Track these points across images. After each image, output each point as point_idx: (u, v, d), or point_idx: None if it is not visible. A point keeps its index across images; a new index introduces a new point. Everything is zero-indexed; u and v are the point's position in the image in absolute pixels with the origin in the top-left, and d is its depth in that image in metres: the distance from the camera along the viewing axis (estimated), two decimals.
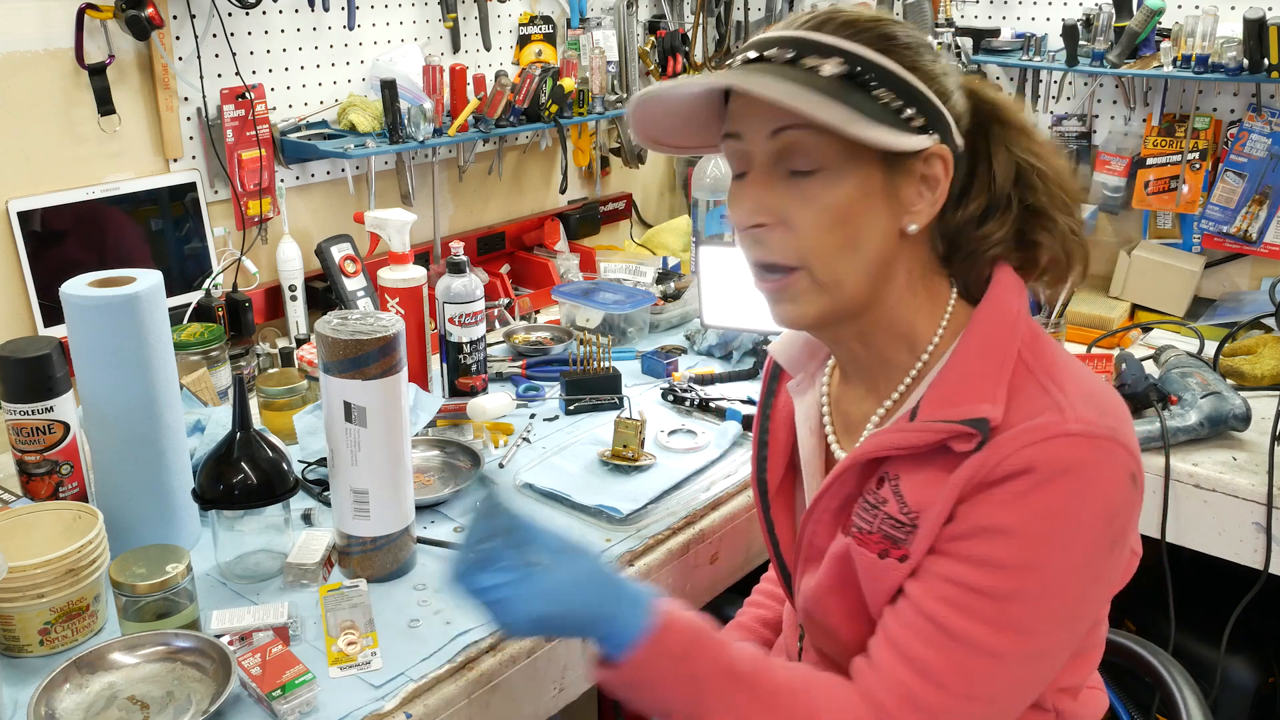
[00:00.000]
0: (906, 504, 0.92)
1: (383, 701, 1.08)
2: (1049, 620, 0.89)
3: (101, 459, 1.29)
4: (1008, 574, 0.87)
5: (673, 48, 2.64)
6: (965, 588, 0.88)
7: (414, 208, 2.21)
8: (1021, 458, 0.86)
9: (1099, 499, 0.87)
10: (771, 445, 1.13)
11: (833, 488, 0.99)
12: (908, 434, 0.93)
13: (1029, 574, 0.87)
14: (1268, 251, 2.18)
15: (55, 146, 1.74)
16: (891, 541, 0.93)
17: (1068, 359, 0.96)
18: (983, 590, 0.87)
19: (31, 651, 1.13)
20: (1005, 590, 0.87)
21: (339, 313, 1.25)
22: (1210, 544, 1.64)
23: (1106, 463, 0.87)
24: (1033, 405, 0.89)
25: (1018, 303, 0.97)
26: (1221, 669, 1.77)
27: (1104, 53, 2.14)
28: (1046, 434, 0.87)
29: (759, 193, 0.93)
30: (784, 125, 0.90)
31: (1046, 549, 0.87)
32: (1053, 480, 0.86)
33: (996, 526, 0.87)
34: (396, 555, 1.28)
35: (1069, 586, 0.88)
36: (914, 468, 0.93)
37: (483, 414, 1.67)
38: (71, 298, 1.23)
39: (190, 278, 1.91)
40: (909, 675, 0.89)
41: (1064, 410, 0.88)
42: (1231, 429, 1.67)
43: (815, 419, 1.09)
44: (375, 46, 2.15)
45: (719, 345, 1.99)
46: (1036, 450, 0.86)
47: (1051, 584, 0.87)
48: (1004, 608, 0.87)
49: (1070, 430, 0.87)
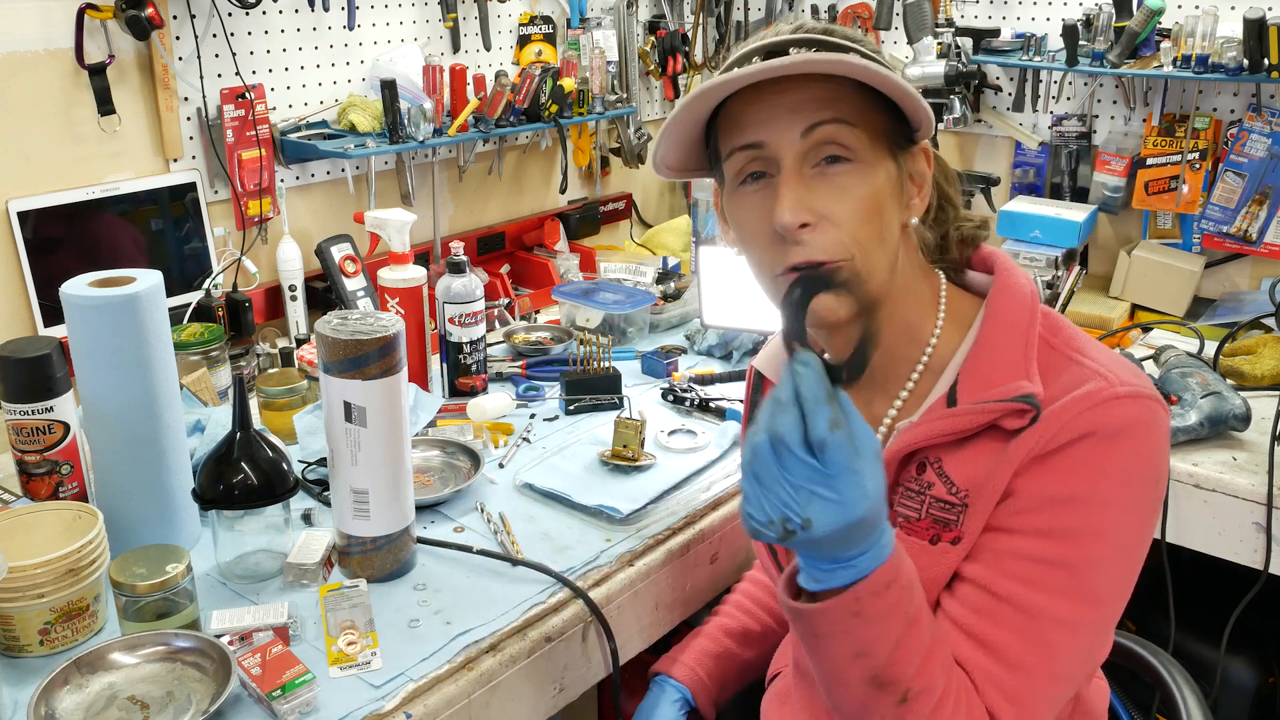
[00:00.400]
0: (954, 484, 0.93)
1: (383, 701, 1.08)
2: (1118, 585, 0.90)
3: (101, 459, 1.29)
4: (1080, 542, 0.88)
5: (673, 48, 2.64)
6: (1038, 561, 0.89)
7: (414, 208, 2.21)
8: (1080, 423, 0.88)
9: (1154, 456, 0.90)
10: None
11: None
12: (955, 419, 0.93)
13: (1100, 539, 0.88)
14: (1268, 251, 2.18)
15: (55, 146, 1.74)
16: (942, 525, 0.93)
17: (1081, 332, 0.98)
18: (1057, 561, 0.88)
19: (31, 651, 1.13)
20: (1079, 558, 0.88)
21: (339, 313, 1.25)
22: (1210, 544, 1.64)
23: (1153, 419, 0.90)
24: (1071, 377, 0.91)
25: (1027, 284, 0.99)
26: (1221, 669, 1.77)
27: (1104, 53, 2.14)
28: (1100, 399, 0.89)
29: (798, 193, 0.90)
30: (819, 121, 0.90)
31: (1114, 512, 0.88)
32: (1113, 441, 0.88)
33: (1063, 495, 0.88)
34: (396, 555, 1.28)
35: (1133, 549, 0.90)
36: (954, 448, 0.94)
37: (483, 414, 1.67)
38: (71, 298, 1.23)
39: (190, 278, 1.91)
40: (991, 664, 0.89)
41: (1106, 376, 0.90)
42: (1231, 429, 1.67)
43: None
44: (375, 46, 2.15)
45: (719, 345, 1.99)
46: (1094, 414, 0.88)
47: (1119, 547, 0.89)
48: (1079, 576, 0.88)
49: (1120, 393, 0.89)
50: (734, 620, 1.31)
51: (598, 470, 1.54)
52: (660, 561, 1.37)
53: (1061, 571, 0.88)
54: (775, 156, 0.92)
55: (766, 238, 0.93)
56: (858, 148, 0.91)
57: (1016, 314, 0.96)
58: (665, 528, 1.42)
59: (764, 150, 0.92)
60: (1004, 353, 0.94)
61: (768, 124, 0.91)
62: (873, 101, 0.92)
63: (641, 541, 1.38)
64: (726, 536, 1.47)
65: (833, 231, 0.90)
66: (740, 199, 0.96)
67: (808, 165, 0.91)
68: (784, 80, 0.90)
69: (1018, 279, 0.99)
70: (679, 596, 1.41)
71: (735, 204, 0.96)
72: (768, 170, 0.93)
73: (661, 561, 1.37)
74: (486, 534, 1.39)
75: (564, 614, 1.24)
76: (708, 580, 1.46)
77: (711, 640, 1.30)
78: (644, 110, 2.72)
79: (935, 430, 0.94)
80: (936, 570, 0.94)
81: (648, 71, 2.68)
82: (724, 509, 1.48)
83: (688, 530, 1.42)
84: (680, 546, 1.40)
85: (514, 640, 1.19)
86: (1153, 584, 1.80)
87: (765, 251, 0.94)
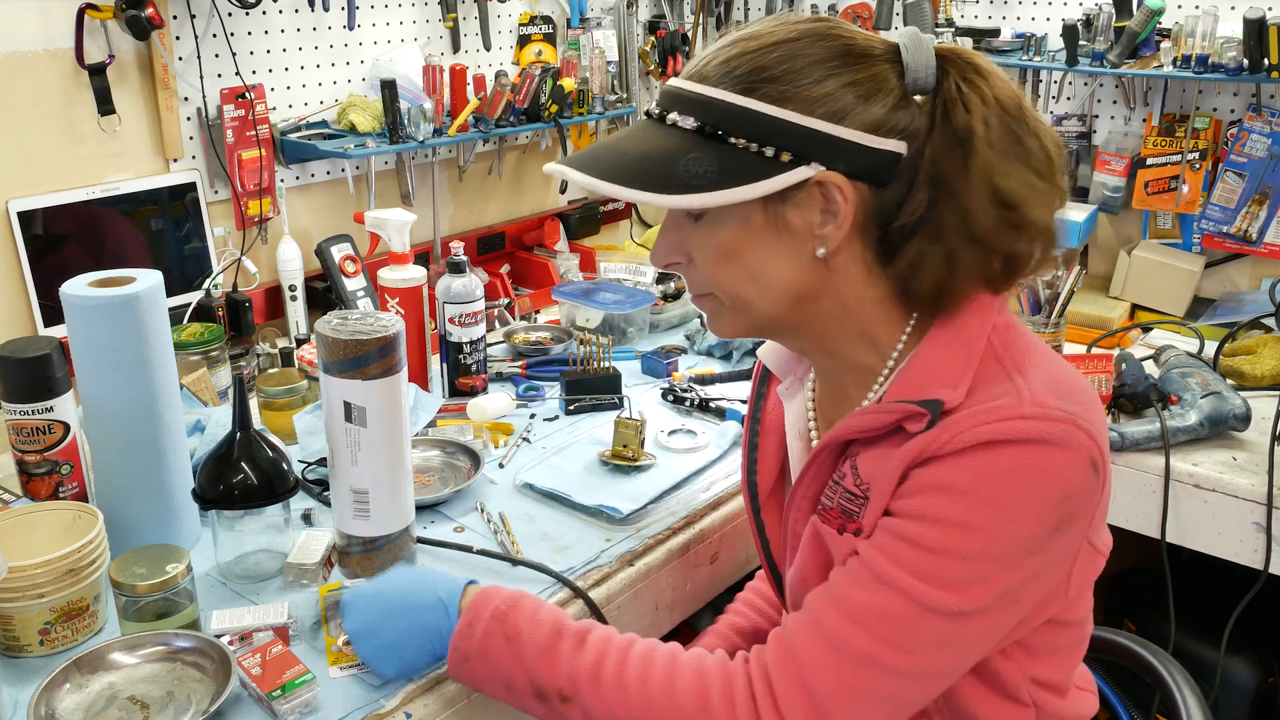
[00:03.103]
0: (860, 477, 0.95)
1: (383, 701, 1.08)
2: (981, 585, 0.88)
3: (101, 459, 1.29)
4: (946, 530, 0.87)
5: (673, 48, 2.64)
6: (902, 538, 0.89)
7: (414, 208, 2.21)
8: (972, 435, 0.87)
9: (1052, 473, 0.87)
10: (762, 449, 1.14)
11: (807, 474, 1.02)
12: (863, 416, 0.95)
13: (968, 533, 0.87)
14: (1268, 251, 2.18)
15: (55, 146, 1.74)
16: (847, 515, 0.96)
17: (1041, 349, 0.96)
18: (919, 542, 0.88)
19: (31, 651, 1.13)
20: (941, 545, 0.87)
21: (339, 313, 1.25)
22: (1210, 544, 1.64)
23: (1064, 441, 0.87)
24: (993, 392, 0.90)
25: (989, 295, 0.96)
26: (1221, 669, 1.77)
27: (1104, 53, 2.14)
28: (999, 415, 0.87)
29: (668, 236, 1.00)
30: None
31: (989, 511, 0.87)
32: (1003, 446, 0.86)
33: (941, 484, 0.88)
34: (396, 555, 1.28)
35: (1007, 555, 0.88)
36: (875, 449, 0.95)
37: (483, 414, 1.67)
38: (71, 298, 1.23)
39: (190, 278, 1.91)
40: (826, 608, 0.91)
41: (1021, 395, 0.88)
42: (1231, 429, 1.67)
43: (803, 423, 1.10)
44: (375, 46, 2.15)
45: (719, 345, 1.99)
46: (989, 428, 0.87)
47: (990, 548, 0.87)
48: (938, 562, 0.87)
49: (1025, 413, 0.87)
50: (746, 620, 1.30)
51: (598, 470, 1.54)
52: (660, 561, 1.37)
53: (922, 553, 0.88)
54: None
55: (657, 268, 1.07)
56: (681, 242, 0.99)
57: (966, 323, 0.94)
58: (665, 528, 1.42)
59: None
60: (939, 362, 0.93)
61: None
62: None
63: (641, 541, 1.38)
64: (727, 536, 1.47)
65: (694, 272, 1.00)
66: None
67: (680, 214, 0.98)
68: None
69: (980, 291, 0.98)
70: (679, 596, 1.42)
71: None
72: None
73: (661, 561, 1.37)
74: (486, 534, 1.39)
75: None
76: (708, 580, 1.46)
77: (723, 640, 1.28)
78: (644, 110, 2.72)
79: (850, 425, 0.96)
80: (843, 556, 0.95)
81: (648, 71, 2.68)
82: (724, 509, 1.48)
83: (688, 530, 1.43)
84: (680, 546, 1.40)
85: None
86: (1153, 584, 1.80)
87: None
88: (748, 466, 1.16)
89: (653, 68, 2.66)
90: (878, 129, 0.90)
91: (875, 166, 0.90)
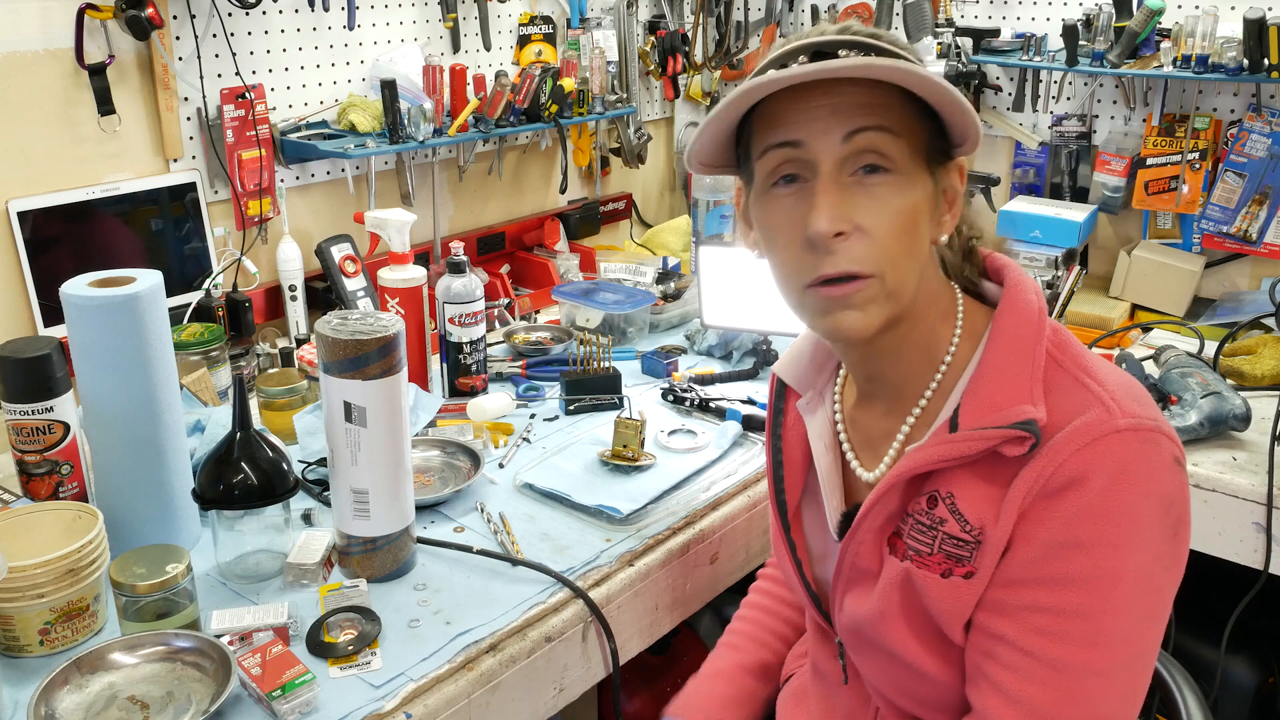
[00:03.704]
0: (968, 521, 0.91)
1: (383, 701, 1.08)
2: (1140, 621, 0.89)
3: (101, 459, 1.29)
4: (1093, 588, 0.87)
5: (673, 48, 2.64)
6: (1055, 612, 0.88)
7: (414, 208, 2.21)
8: (1077, 462, 0.86)
9: (1156, 491, 0.87)
10: (787, 465, 1.11)
11: (875, 508, 0.97)
12: (955, 445, 0.91)
13: (1115, 582, 0.86)
14: (1268, 251, 2.18)
15: (55, 146, 1.74)
16: (955, 560, 0.92)
17: (1088, 351, 0.96)
18: (1073, 610, 0.87)
19: (31, 651, 1.13)
20: (1096, 605, 0.87)
21: (339, 313, 1.25)
22: (1210, 544, 1.64)
23: (1155, 454, 0.88)
24: (1075, 401, 0.89)
25: (1036, 299, 0.96)
26: (1221, 669, 1.77)
27: (1104, 53, 2.14)
28: (1098, 433, 0.86)
29: (835, 200, 0.87)
30: (862, 126, 0.87)
31: (1123, 552, 0.86)
32: (1114, 485, 0.86)
33: (1069, 541, 0.87)
34: (396, 555, 1.28)
35: (1149, 582, 0.88)
36: (967, 483, 0.92)
37: (483, 414, 1.67)
38: (71, 298, 1.23)
39: (190, 278, 1.91)
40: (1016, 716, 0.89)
41: (1108, 405, 0.88)
42: (1231, 429, 1.67)
43: (830, 436, 1.07)
44: (375, 46, 2.15)
45: (719, 345, 1.99)
46: (1091, 453, 0.86)
47: (1134, 586, 0.87)
48: (1099, 623, 0.87)
49: (1119, 426, 0.86)
50: (751, 656, 1.27)
51: (598, 470, 1.54)
52: (660, 561, 1.37)
53: (1080, 621, 0.87)
54: (813, 159, 0.88)
55: (797, 245, 0.90)
56: (898, 159, 0.88)
57: (1022, 332, 0.93)
58: (665, 528, 1.42)
59: (801, 151, 0.89)
60: (1008, 374, 0.91)
61: (808, 124, 0.88)
62: (917, 113, 0.90)
63: (641, 541, 1.38)
64: (726, 536, 1.47)
65: (866, 244, 0.88)
66: (771, 201, 0.92)
67: (845, 173, 0.88)
68: (829, 82, 0.87)
69: (1026, 295, 0.96)
70: (679, 596, 1.42)
71: (765, 205, 0.93)
72: (802, 174, 0.90)
73: (661, 561, 1.37)
74: (486, 534, 1.39)
75: (564, 614, 1.25)
76: (708, 580, 1.47)
77: (732, 684, 1.25)
78: (644, 110, 2.72)
79: (935, 455, 0.92)
80: (950, 603, 0.93)
81: (648, 71, 2.68)
82: (724, 509, 1.48)
83: (688, 530, 1.43)
84: (680, 546, 1.40)
85: (514, 640, 1.19)
86: None
87: (794, 259, 0.91)
88: (775, 486, 1.12)
89: (653, 68, 2.66)
90: None
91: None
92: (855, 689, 1.09)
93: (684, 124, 2.87)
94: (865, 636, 1.02)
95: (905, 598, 0.96)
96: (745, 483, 1.54)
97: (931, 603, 0.94)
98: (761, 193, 0.93)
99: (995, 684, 0.91)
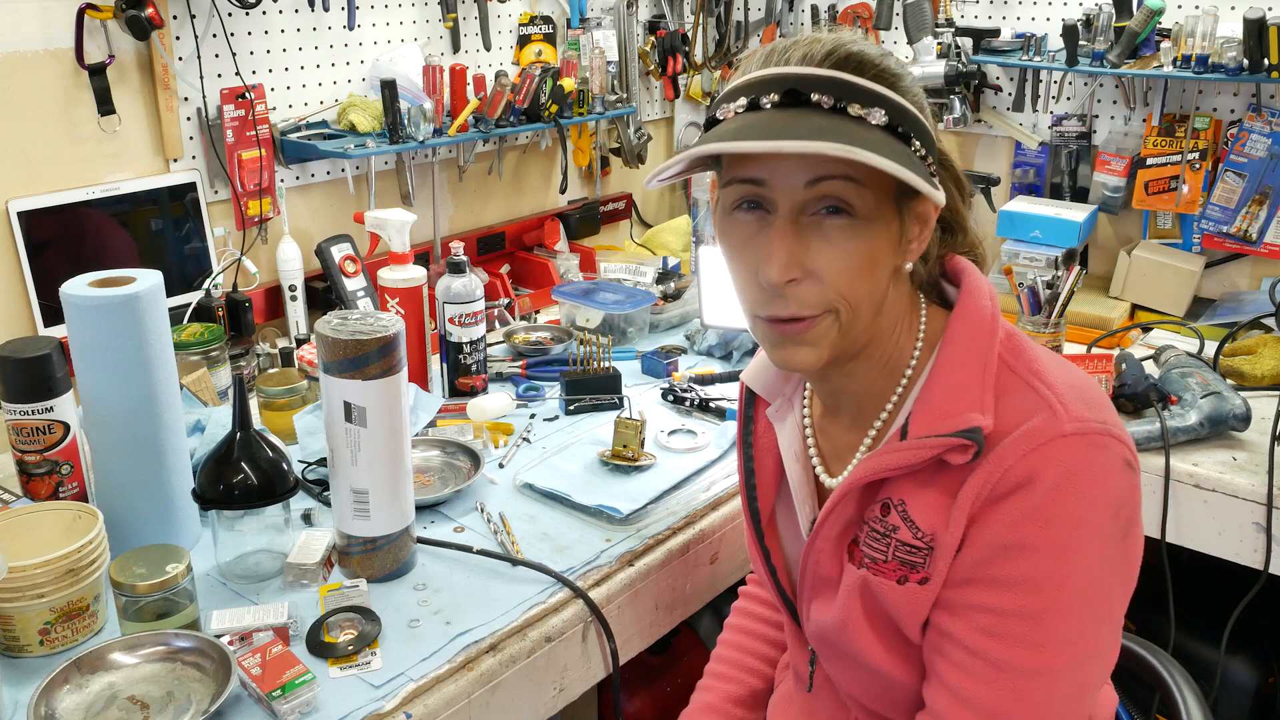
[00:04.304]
0: (919, 528, 0.92)
1: (383, 701, 1.08)
2: (1086, 623, 0.89)
3: (101, 459, 1.29)
4: (1036, 589, 0.87)
5: (673, 48, 2.64)
6: (999, 613, 0.88)
7: (414, 208, 2.21)
8: (1023, 467, 0.87)
9: (1103, 494, 0.87)
10: (759, 473, 1.11)
11: (831, 516, 0.98)
12: (901, 453, 0.92)
13: (1060, 584, 0.87)
14: (1268, 251, 2.18)
15: (55, 146, 1.74)
16: (909, 567, 0.93)
17: (1045, 353, 0.96)
18: (1019, 612, 0.87)
19: (31, 651, 1.13)
20: (1041, 607, 0.87)
21: (339, 313, 1.25)
22: (1210, 544, 1.64)
23: (1103, 457, 0.88)
24: (1024, 406, 0.89)
25: (990, 305, 0.96)
26: (1221, 669, 1.77)
27: (1104, 53, 2.14)
28: (1044, 438, 0.87)
29: (790, 246, 0.88)
30: (826, 175, 0.86)
31: (1067, 556, 0.87)
32: (1058, 488, 0.86)
33: (1014, 543, 0.87)
34: (396, 555, 1.28)
35: (1096, 585, 0.88)
36: (918, 489, 0.92)
37: (483, 414, 1.67)
38: (71, 298, 1.23)
39: (190, 278, 1.91)
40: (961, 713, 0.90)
41: (1055, 409, 0.88)
42: (1231, 429, 1.67)
43: (800, 446, 1.08)
44: (375, 46, 2.15)
45: (719, 345, 1.99)
46: (1037, 457, 0.87)
47: (1079, 588, 0.87)
48: (1045, 625, 0.87)
49: (1065, 431, 0.87)
50: (741, 686, 1.27)
51: (598, 470, 1.54)
52: (660, 561, 1.37)
53: (1025, 622, 0.87)
54: (774, 199, 0.88)
55: (752, 278, 0.91)
56: (860, 205, 0.87)
57: (973, 339, 0.93)
58: (665, 528, 1.42)
59: (763, 189, 0.89)
60: (959, 381, 0.92)
61: (772, 166, 0.88)
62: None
63: (641, 541, 1.38)
64: (726, 536, 1.47)
65: (818, 289, 0.89)
66: (732, 224, 0.93)
67: (806, 214, 0.88)
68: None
69: (979, 300, 0.95)
70: (679, 596, 1.42)
71: (727, 226, 0.93)
72: (764, 205, 0.90)
73: (661, 561, 1.37)
74: (486, 534, 1.39)
75: (564, 614, 1.25)
76: (708, 580, 1.46)
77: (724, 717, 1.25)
78: (644, 110, 2.72)
79: (884, 464, 0.93)
80: (909, 607, 0.93)
81: (648, 71, 2.68)
82: (724, 509, 1.48)
83: (688, 530, 1.43)
84: (680, 546, 1.40)
85: (514, 640, 1.19)
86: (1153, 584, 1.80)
87: (749, 289, 0.93)
88: (747, 494, 1.12)
89: (653, 68, 2.66)
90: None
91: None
92: (828, 694, 1.10)
93: (684, 124, 2.87)
94: (831, 643, 1.03)
95: (866, 604, 0.97)
96: None
97: (890, 607, 0.95)
98: (725, 213, 0.94)
99: (945, 682, 0.92)
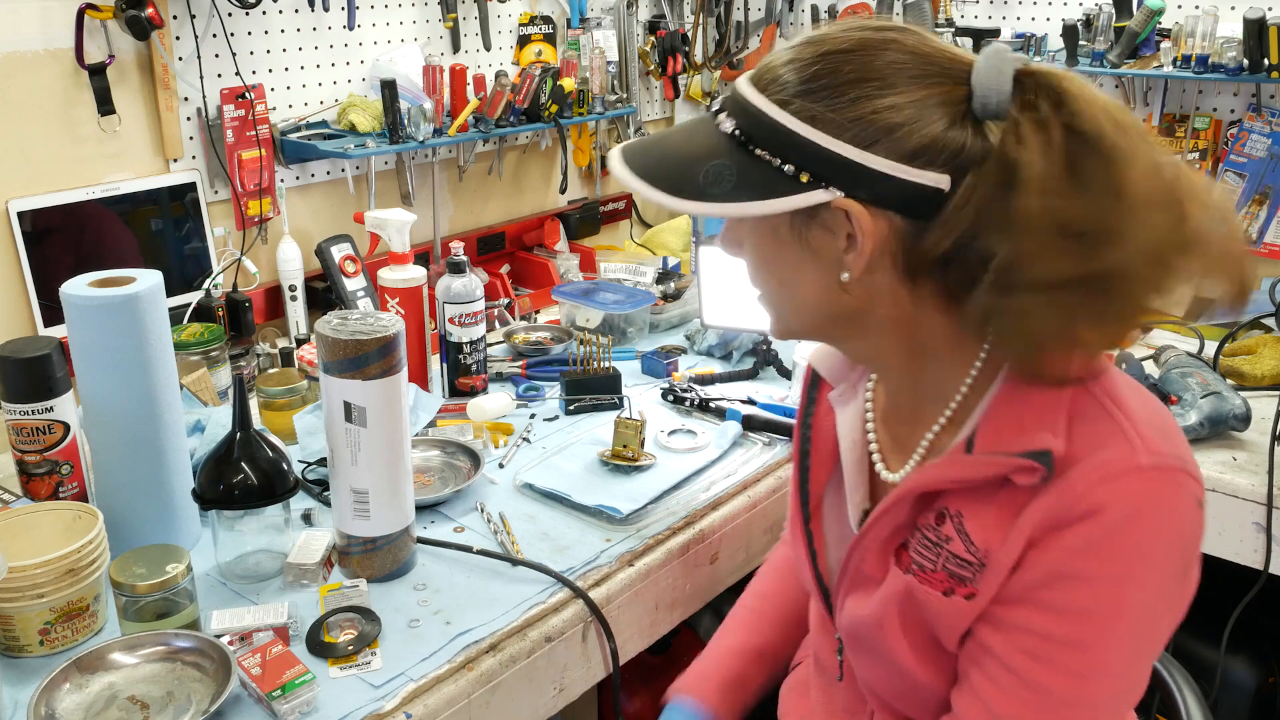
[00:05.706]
0: (973, 543, 0.89)
1: (383, 701, 1.08)
2: (1132, 659, 0.87)
3: (101, 459, 1.29)
4: (1089, 620, 0.84)
5: (673, 48, 2.64)
6: (1046, 638, 0.86)
7: (414, 208, 2.21)
8: (1094, 498, 0.82)
9: (1172, 533, 0.84)
10: (814, 457, 1.09)
11: (884, 518, 0.96)
12: (964, 467, 0.89)
13: (1111, 619, 0.84)
14: (1268, 251, 2.18)
15: (55, 146, 1.74)
16: (957, 580, 0.90)
17: (1123, 377, 0.92)
18: (1065, 640, 0.85)
19: (31, 651, 1.13)
20: (1089, 638, 0.85)
21: (339, 313, 1.25)
22: (1210, 544, 1.64)
23: (1176, 496, 0.84)
24: (1098, 432, 0.85)
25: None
26: (1221, 669, 1.77)
27: (1104, 53, 2.14)
28: (1118, 469, 0.83)
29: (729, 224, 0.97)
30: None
31: (1126, 590, 0.84)
32: (1126, 523, 0.82)
33: (1073, 572, 0.84)
34: (396, 555, 1.28)
35: (1149, 621, 0.86)
36: (977, 503, 0.89)
37: (483, 414, 1.67)
38: (71, 298, 1.23)
39: (190, 278, 1.91)
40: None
41: (1132, 440, 0.84)
42: (1231, 429, 1.67)
43: (859, 433, 1.05)
44: (375, 46, 2.15)
45: (719, 345, 1.99)
46: (1109, 490, 0.82)
47: (1132, 624, 0.85)
48: (1092, 655, 0.85)
49: (1141, 464, 0.83)
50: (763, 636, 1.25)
51: (598, 470, 1.54)
52: (660, 561, 1.37)
53: (1072, 651, 0.85)
54: None
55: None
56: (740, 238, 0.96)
57: None
58: (665, 528, 1.42)
59: None
60: (1032, 401, 0.88)
61: None
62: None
63: (641, 541, 1.38)
64: (726, 536, 1.47)
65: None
66: None
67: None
68: None
69: None
70: (679, 596, 1.42)
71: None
72: None
73: (661, 561, 1.37)
74: (486, 534, 1.39)
75: (564, 614, 1.25)
76: (708, 580, 1.47)
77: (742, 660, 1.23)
78: (644, 110, 2.72)
79: (945, 475, 0.90)
80: (951, 619, 0.91)
81: (648, 71, 2.68)
82: (724, 509, 1.48)
83: (688, 530, 1.43)
84: (680, 546, 1.40)
85: (514, 640, 1.19)
86: None
87: None
88: (800, 476, 1.10)
89: (653, 68, 2.66)
90: (915, 159, 0.82)
91: (904, 198, 0.83)
92: (852, 685, 1.09)
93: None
94: (862, 639, 1.02)
95: (905, 609, 0.95)
96: (745, 483, 1.54)
97: (931, 617, 0.93)
98: None
99: (977, 693, 0.90)
